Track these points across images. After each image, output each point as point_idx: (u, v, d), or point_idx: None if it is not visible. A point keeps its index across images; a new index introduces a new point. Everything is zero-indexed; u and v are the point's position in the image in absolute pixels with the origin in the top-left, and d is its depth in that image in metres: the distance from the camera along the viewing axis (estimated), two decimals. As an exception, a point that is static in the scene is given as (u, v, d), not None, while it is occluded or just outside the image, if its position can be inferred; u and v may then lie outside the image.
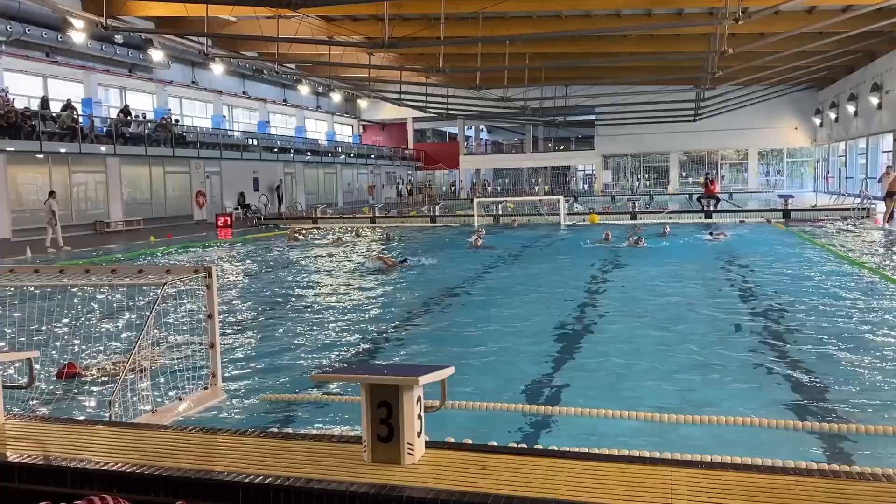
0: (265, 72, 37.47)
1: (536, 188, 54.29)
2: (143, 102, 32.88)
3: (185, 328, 5.18)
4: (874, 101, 32.19)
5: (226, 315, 9.69)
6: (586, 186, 56.00)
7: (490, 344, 7.67)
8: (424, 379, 2.78)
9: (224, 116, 39.01)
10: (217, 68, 31.57)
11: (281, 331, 8.80)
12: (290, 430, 3.72)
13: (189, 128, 33.62)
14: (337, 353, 7.58)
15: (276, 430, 3.59)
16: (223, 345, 7.73)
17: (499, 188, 58.58)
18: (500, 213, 29.37)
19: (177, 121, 32.47)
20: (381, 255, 15.54)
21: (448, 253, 17.48)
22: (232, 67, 36.90)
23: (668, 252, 16.05)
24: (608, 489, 2.61)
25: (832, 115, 40.91)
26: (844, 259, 13.96)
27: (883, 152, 32.91)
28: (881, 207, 22.25)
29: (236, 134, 37.80)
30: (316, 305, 10.66)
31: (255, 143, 37.68)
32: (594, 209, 31.21)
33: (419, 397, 2.84)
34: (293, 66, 37.39)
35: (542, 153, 57.18)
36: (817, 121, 45.04)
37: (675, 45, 31.02)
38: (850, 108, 36.58)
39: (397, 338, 8.40)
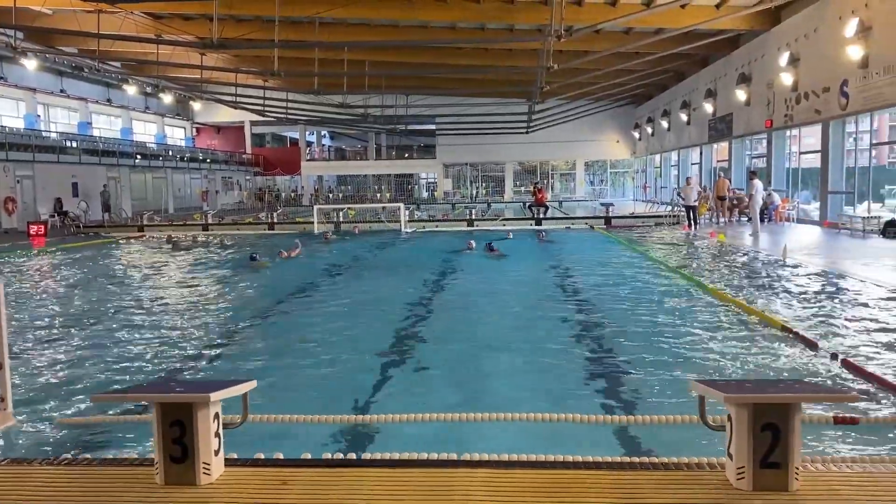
0: (86, 70, 34.90)
1: (379, 195, 54.50)
2: (-62, 98, 29.59)
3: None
4: (684, 117, 35.24)
5: (24, 332, 8.89)
6: (429, 194, 56.96)
7: (312, 354, 7.56)
8: (218, 395, 2.69)
9: (39, 116, 35.89)
10: (30, 64, 29.00)
11: (89, 346, 8.15)
12: (83, 456, 3.47)
13: (-5, 127, 30.62)
14: (147, 368, 7.11)
15: (68, 456, 3.34)
16: (20, 365, 7.11)
17: (341, 195, 58.16)
18: (342, 219, 29.18)
19: (-20, 119, 29.52)
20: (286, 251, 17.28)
21: (280, 260, 17.04)
22: (48, 64, 34.08)
23: (507, 260, 16.55)
24: (410, 494, 2.65)
25: (649, 130, 44.18)
26: (654, 261, 15.16)
27: (692, 164, 36.15)
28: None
29: (53, 135, 34.86)
30: (132, 318, 9.95)
31: (75, 145, 34.92)
32: (434, 216, 31.81)
33: (216, 414, 2.74)
34: (118, 64, 35.13)
35: (385, 160, 57.53)
36: (636, 134, 48.49)
37: (507, 59, 32.37)
38: (664, 124, 39.80)
39: (214, 349, 8.02)
